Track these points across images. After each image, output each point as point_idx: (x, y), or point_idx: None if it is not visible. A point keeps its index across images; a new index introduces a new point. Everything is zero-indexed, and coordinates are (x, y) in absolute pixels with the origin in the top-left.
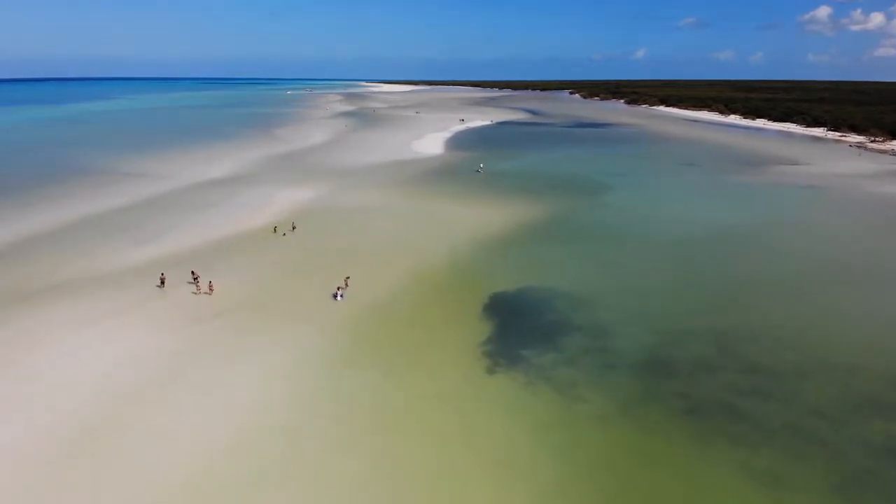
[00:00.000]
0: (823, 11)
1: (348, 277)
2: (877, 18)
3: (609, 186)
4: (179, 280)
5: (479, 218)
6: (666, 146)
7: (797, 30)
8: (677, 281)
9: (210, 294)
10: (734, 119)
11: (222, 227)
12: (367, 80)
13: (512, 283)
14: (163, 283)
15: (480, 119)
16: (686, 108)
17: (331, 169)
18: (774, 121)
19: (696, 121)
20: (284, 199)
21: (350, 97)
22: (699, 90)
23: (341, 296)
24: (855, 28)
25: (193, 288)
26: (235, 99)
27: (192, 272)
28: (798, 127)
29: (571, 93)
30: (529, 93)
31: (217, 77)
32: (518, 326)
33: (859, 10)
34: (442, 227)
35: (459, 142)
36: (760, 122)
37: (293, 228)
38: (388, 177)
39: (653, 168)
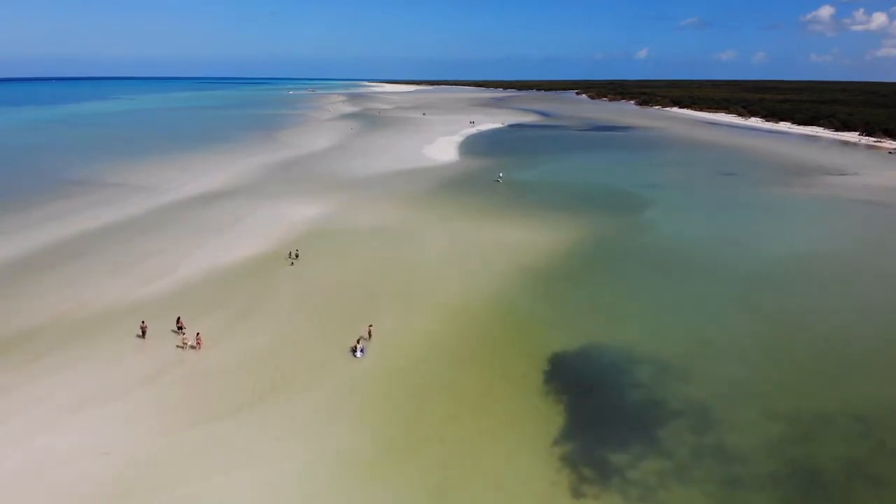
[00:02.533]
0: (825, 11)
1: (371, 326)
2: (879, 19)
3: (649, 201)
4: (163, 328)
5: (511, 241)
6: (695, 152)
7: (799, 30)
8: (774, 333)
9: (197, 349)
10: (755, 122)
11: (217, 255)
12: (370, 80)
13: (572, 338)
14: (143, 333)
15: (490, 121)
16: (701, 109)
17: (339, 179)
18: (799, 124)
19: (715, 123)
20: (288, 218)
21: (353, 97)
22: (706, 91)
23: (362, 350)
24: (857, 28)
25: (178, 339)
26: (237, 99)
27: (178, 320)
28: (826, 131)
29: (578, 93)
30: (535, 93)
31: (218, 77)
32: (596, 409)
33: (861, 10)
34: (471, 254)
35: (473, 146)
36: (784, 126)
37: (297, 256)
38: (402, 188)
39: (690, 179)
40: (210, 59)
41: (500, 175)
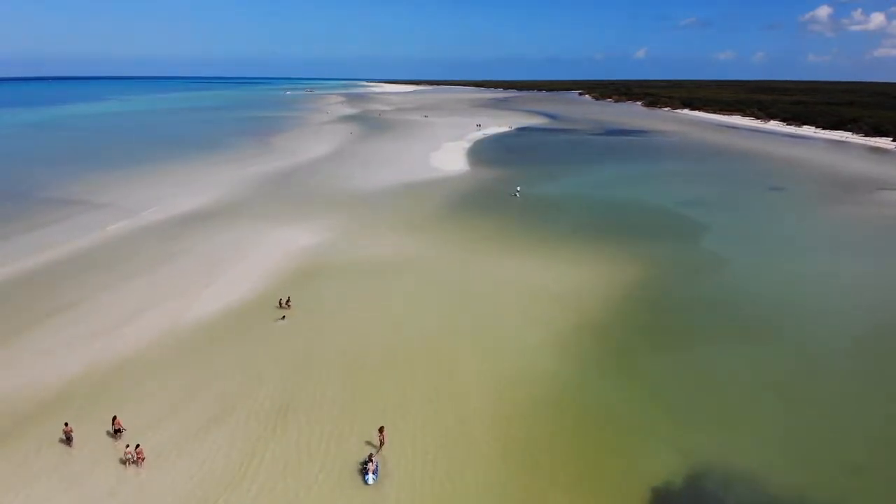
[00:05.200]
0: (823, 11)
1: (382, 430)
2: (877, 19)
3: (700, 225)
4: (97, 429)
5: (549, 285)
6: (727, 161)
7: (798, 30)
8: None
9: (139, 465)
10: (775, 126)
11: (184, 306)
12: (368, 80)
13: (671, 456)
14: (69, 439)
15: (496, 125)
16: (714, 111)
17: (338, 195)
18: (824, 128)
19: (734, 127)
20: (280, 249)
21: (352, 98)
22: (711, 91)
23: (374, 472)
24: (855, 28)
25: (116, 447)
26: (233, 100)
27: (115, 420)
28: (855, 136)
29: (581, 93)
30: (536, 94)
31: (215, 77)
32: None
33: (860, 10)
34: (503, 306)
35: (482, 154)
36: (808, 130)
37: (287, 303)
38: (409, 207)
39: (736, 194)
40: (208, 59)
41: (518, 189)
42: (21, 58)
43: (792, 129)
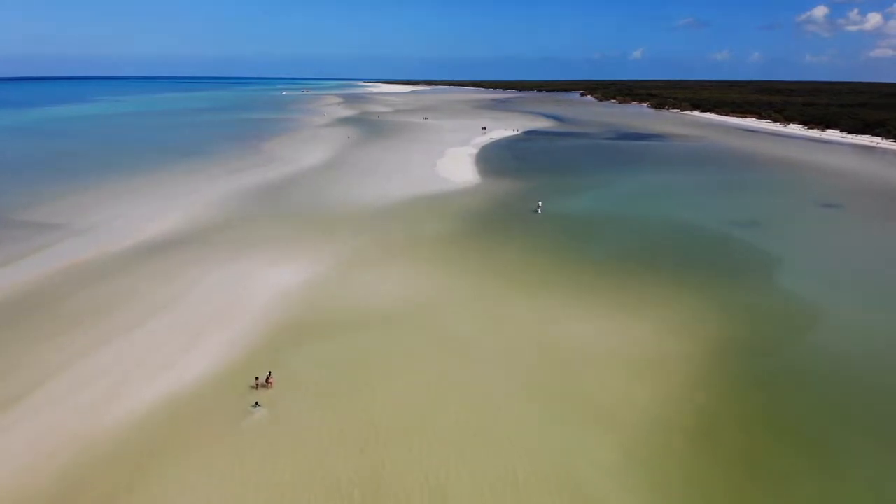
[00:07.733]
0: (820, 12)
1: None
2: (874, 19)
3: (764, 256)
4: None
5: (604, 350)
6: (760, 171)
7: (795, 30)
8: None
9: None
10: (796, 129)
11: (117, 393)
12: (365, 80)
13: None
14: None
15: (503, 128)
16: (726, 114)
17: (334, 213)
18: (849, 132)
19: (754, 131)
20: (261, 293)
21: (349, 99)
22: (715, 92)
23: None
24: (852, 29)
25: None
26: (226, 101)
27: None
28: (885, 141)
29: (582, 94)
30: (537, 94)
31: (211, 76)
32: None
33: (856, 11)
34: (551, 388)
35: (492, 161)
36: (833, 135)
37: (268, 381)
38: (418, 230)
39: (788, 213)
40: (203, 58)
41: (540, 204)
42: (15, 57)
43: (815, 133)
